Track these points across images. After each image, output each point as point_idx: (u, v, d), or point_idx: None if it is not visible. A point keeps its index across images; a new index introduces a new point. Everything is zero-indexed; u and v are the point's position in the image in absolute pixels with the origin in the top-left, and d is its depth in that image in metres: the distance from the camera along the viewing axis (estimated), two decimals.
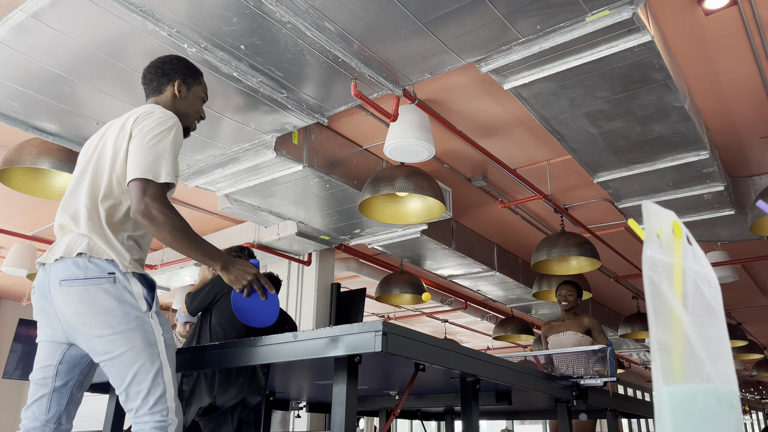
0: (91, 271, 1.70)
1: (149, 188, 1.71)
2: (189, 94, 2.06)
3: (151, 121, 1.80)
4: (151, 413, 1.66)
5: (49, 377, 1.79)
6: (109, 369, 1.70)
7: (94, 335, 1.68)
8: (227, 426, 2.76)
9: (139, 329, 1.70)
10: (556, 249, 4.47)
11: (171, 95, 2.02)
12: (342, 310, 5.61)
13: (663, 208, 0.70)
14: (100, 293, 1.69)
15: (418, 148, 3.48)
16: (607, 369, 3.25)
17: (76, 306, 1.69)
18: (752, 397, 20.65)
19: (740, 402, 0.72)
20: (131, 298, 1.72)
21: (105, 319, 1.67)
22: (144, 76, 2.06)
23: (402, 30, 2.62)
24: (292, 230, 4.99)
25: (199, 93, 2.09)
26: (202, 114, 2.12)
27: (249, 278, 1.88)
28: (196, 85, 2.08)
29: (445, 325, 9.51)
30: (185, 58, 2.12)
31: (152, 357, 1.70)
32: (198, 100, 2.09)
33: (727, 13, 3.05)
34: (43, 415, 1.77)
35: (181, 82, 2.03)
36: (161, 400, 1.68)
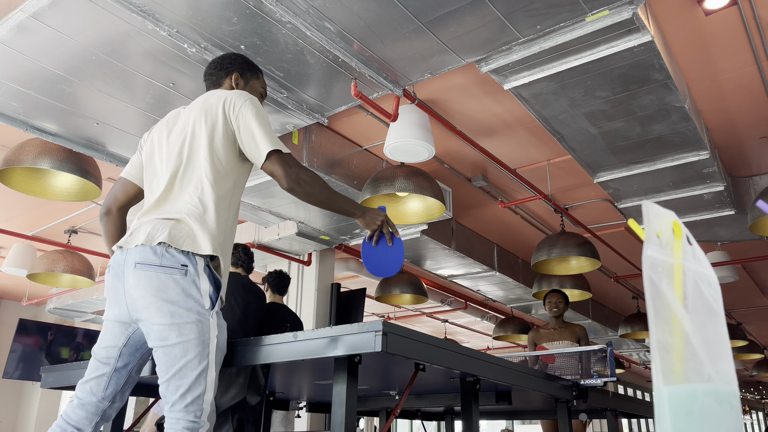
0: (167, 260, 1.74)
1: (288, 159, 1.84)
2: (246, 87, 2.12)
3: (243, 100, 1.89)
4: (186, 411, 1.68)
5: (112, 357, 1.83)
6: (159, 356, 1.73)
7: (155, 321, 1.71)
8: (227, 426, 2.76)
9: (197, 324, 1.72)
10: (556, 249, 4.47)
11: (228, 87, 2.08)
12: (342, 310, 5.61)
13: (663, 208, 0.70)
14: (170, 282, 1.72)
15: (418, 148, 3.48)
16: (608, 369, 3.25)
17: (145, 290, 1.72)
18: (752, 397, 20.65)
19: (740, 402, 0.72)
20: (197, 293, 1.74)
21: (168, 308, 1.71)
22: (205, 73, 2.14)
23: (402, 30, 2.62)
24: (292, 230, 4.99)
25: (257, 87, 2.16)
26: None
27: (379, 222, 2.03)
28: (254, 79, 2.15)
29: (445, 325, 9.52)
30: (243, 55, 2.20)
31: (201, 355, 1.72)
32: (256, 94, 2.15)
33: (727, 13, 3.05)
34: (100, 392, 1.82)
35: (239, 76, 2.10)
36: (198, 400, 1.70)
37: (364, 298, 5.97)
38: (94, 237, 5.97)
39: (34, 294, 8.09)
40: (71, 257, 5.33)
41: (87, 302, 7.31)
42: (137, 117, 3.25)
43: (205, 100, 1.93)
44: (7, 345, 8.22)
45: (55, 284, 5.63)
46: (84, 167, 3.58)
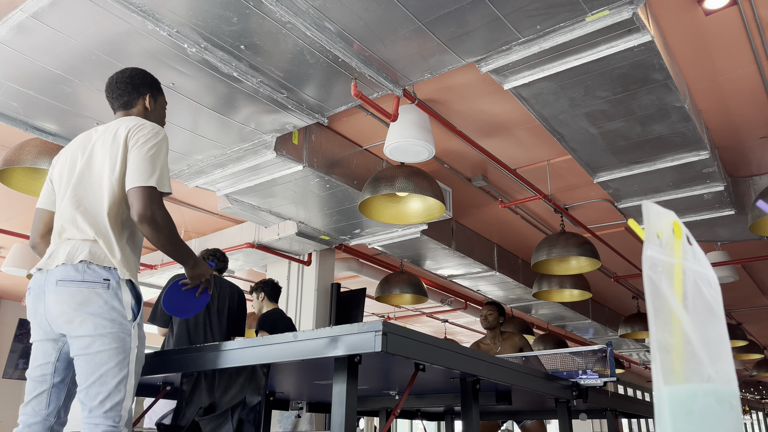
0: (89, 275, 1.80)
1: (155, 196, 1.85)
2: (156, 105, 2.17)
3: (146, 133, 1.92)
4: (105, 416, 1.73)
5: (47, 374, 1.87)
6: (80, 364, 1.78)
7: (79, 334, 1.77)
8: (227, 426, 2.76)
9: (118, 335, 1.79)
10: (556, 249, 4.47)
11: (143, 108, 2.12)
12: (342, 310, 5.61)
13: (663, 208, 0.70)
14: (93, 296, 1.79)
15: (418, 148, 3.48)
16: (608, 369, 3.25)
17: (67, 305, 1.78)
18: (752, 397, 20.65)
19: (740, 402, 0.72)
20: (119, 305, 1.82)
21: (92, 320, 1.77)
22: (112, 90, 2.11)
23: (402, 30, 2.62)
24: (292, 230, 4.99)
25: (163, 103, 2.22)
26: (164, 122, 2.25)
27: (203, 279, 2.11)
28: (159, 96, 2.20)
29: (445, 325, 9.52)
30: (145, 70, 2.20)
31: (122, 364, 1.78)
32: (162, 110, 2.22)
33: (727, 13, 3.05)
34: (43, 410, 1.86)
35: (151, 96, 2.14)
36: (117, 407, 1.75)
37: (364, 298, 5.97)
38: None
39: None
40: None
41: None
42: None
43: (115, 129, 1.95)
44: (7, 345, 8.22)
45: None
46: None
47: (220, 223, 5.81)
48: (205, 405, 2.73)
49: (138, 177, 1.84)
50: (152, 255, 6.38)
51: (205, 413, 2.74)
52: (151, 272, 6.22)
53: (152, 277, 6.30)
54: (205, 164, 3.83)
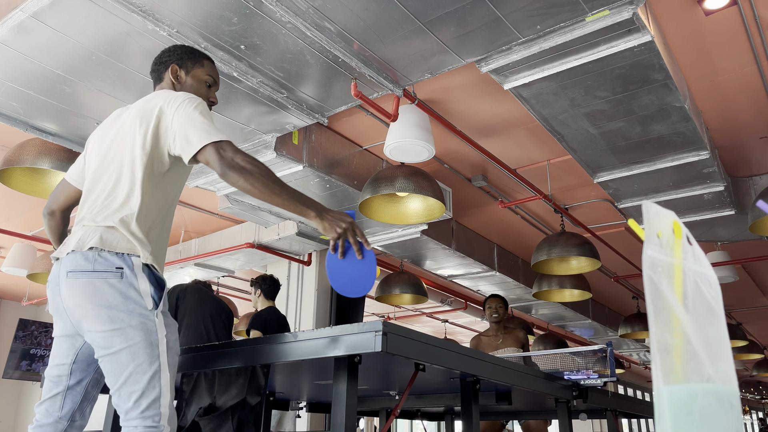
0: (100, 264, 1.65)
1: (225, 146, 1.67)
2: (188, 78, 1.97)
3: (182, 99, 1.76)
4: (143, 417, 1.59)
5: (63, 375, 1.76)
6: (106, 365, 1.65)
7: (96, 330, 1.64)
8: (227, 426, 2.76)
9: (141, 327, 1.63)
10: (556, 249, 4.47)
11: (170, 83, 1.96)
12: (342, 310, 5.62)
13: (663, 208, 0.70)
14: (105, 287, 1.64)
15: (418, 148, 3.48)
16: (608, 369, 3.25)
17: (80, 299, 1.64)
18: (752, 397, 20.65)
19: (740, 402, 0.72)
20: (137, 294, 1.66)
21: (107, 313, 1.62)
22: (151, 71, 2.04)
23: (402, 30, 2.62)
24: (292, 230, 4.99)
25: (201, 76, 1.99)
26: (212, 98, 2.02)
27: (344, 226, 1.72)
28: (197, 67, 1.99)
29: (445, 325, 9.52)
30: (188, 45, 2.06)
31: (151, 358, 1.63)
32: (201, 85, 1.99)
33: (727, 13, 3.05)
34: (56, 412, 1.74)
35: (177, 68, 1.97)
36: (154, 405, 1.61)
37: (364, 298, 5.98)
38: None
39: (34, 294, 8.09)
40: None
41: None
42: None
43: (144, 103, 1.82)
44: (7, 345, 8.22)
45: None
46: None
47: (220, 223, 5.81)
48: (205, 405, 2.73)
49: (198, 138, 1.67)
50: None
51: (205, 413, 2.74)
52: None
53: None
54: None
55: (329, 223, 1.71)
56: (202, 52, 2.05)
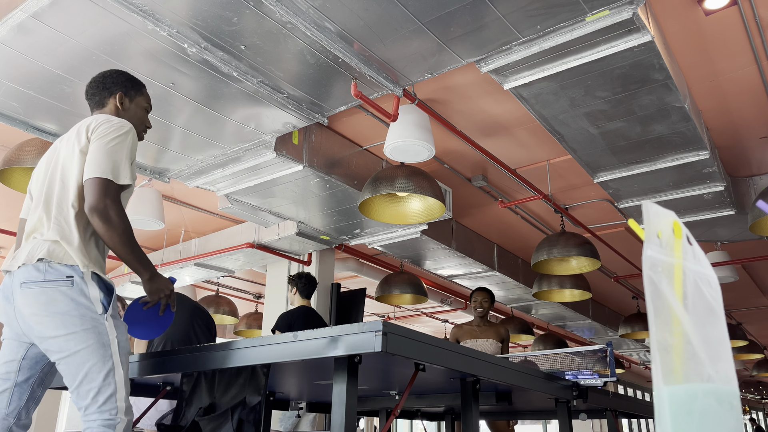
0: (50, 274, 1.78)
1: (110, 189, 1.81)
2: (131, 105, 2.13)
3: (109, 126, 1.90)
4: (100, 411, 1.73)
5: (12, 372, 1.87)
6: (63, 368, 1.77)
7: (50, 335, 1.76)
8: (227, 426, 2.76)
9: (93, 330, 1.77)
10: (556, 249, 4.47)
11: (114, 107, 2.09)
12: (342, 310, 5.61)
13: (663, 208, 0.70)
14: (57, 295, 1.77)
15: (418, 148, 3.48)
16: (608, 369, 3.25)
17: (34, 307, 1.76)
18: (752, 397, 20.65)
19: (740, 402, 0.72)
20: (87, 301, 1.79)
21: (60, 319, 1.75)
22: (87, 91, 2.13)
23: (402, 30, 2.62)
24: (292, 230, 4.99)
25: (142, 104, 2.16)
26: (148, 124, 2.19)
27: (166, 293, 1.98)
28: (138, 96, 2.15)
29: (445, 325, 9.51)
30: (125, 71, 2.18)
31: (104, 357, 1.77)
32: (141, 111, 2.16)
33: (727, 13, 3.05)
34: (3, 409, 1.85)
35: (123, 95, 2.10)
36: (111, 399, 1.74)
37: (364, 298, 5.97)
38: None
39: None
40: None
41: None
42: None
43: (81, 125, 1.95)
44: None
45: None
46: None
47: (220, 223, 5.81)
48: (205, 405, 2.73)
49: (94, 168, 1.81)
50: (153, 255, 6.38)
51: (205, 413, 2.74)
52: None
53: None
54: (205, 164, 3.84)
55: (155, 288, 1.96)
56: (140, 81, 2.20)
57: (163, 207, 4.55)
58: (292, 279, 4.41)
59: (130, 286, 6.39)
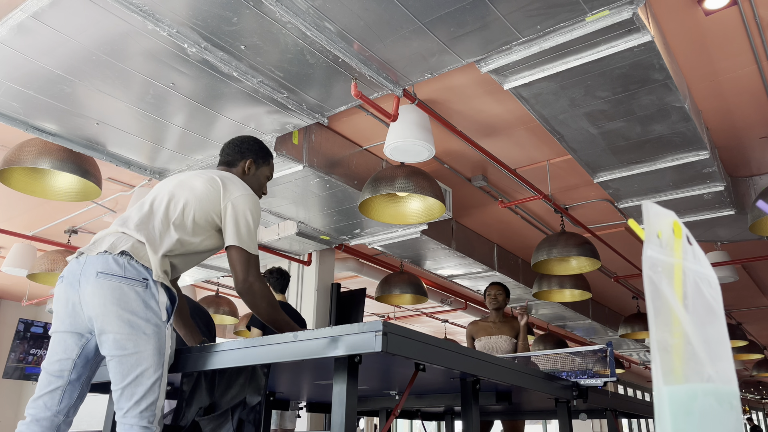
0: (129, 271, 1.81)
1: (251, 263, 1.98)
2: (257, 172, 2.30)
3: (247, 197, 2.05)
4: (140, 416, 1.74)
5: (66, 370, 1.85)
6: (114, 365, 1.76)
7: (113, 330, 1.76)
8: (227, 426, 2.76)
9: (154, 335, 1.80)
10: (556, 249, 4.47)
11: (241, 171, 2.26)
12: (342, 310, 5.61)
13: (663, 208, 0.70)
14: (132, 294, 1.79)
15: (418, 148, 3.48)
16: (608, 369, 3.25)
17: (106, 298, 1.76)
18: (752, 397, 20.66)
19: (740, 402, 0.72)
20: (156, 305, 1.82)
21: (128, 317, 1.76)
22: (223, 148, 2.31)
23: (402, 30, 2.62)
24: (292, 230, 4.99)
25: (265, 173, 2.34)
26: (265, 191, 2.35)
27: None
28: (264, 165, 2.32)
29: (445, 325, 9.52)
30: (261, 140, 2.36)
31: (157, 364, 1.79)
32: (263, 179, 2.33)
33: (727, 13, 3.05)
34: (54, 407, 1.82)
35: (252, 162, 2.27)
36: (152, 407, 1.76)
37: (364, 298, 5.97)
38: None
39: (34, 294, 8.09)
40: None
41: None
42: (137, 117, 3.25)
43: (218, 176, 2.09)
44: (7, 345, 8.22)
45: (55, 284, 5.62)
46: (84, 167, 3.58)
47: None
48: (205, 405, 2.73)
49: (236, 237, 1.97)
50: None
51: (205, 413, 2.74)
52: None
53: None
54: (205, 164, 3.83)
55: None
56: (269, 151, 2.37)
57: None
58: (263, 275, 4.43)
59: None
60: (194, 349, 2.20)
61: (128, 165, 3.79)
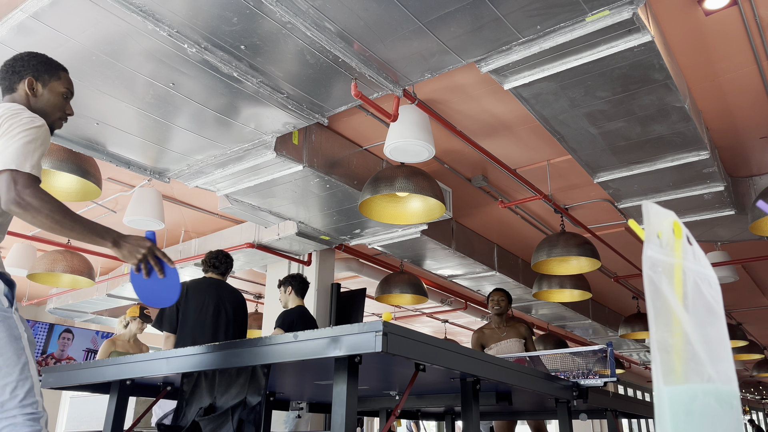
0: None
1: (19, 178, 1.68)
2: (45, 91, 1.96)
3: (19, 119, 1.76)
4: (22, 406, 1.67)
5: None
6: None
7: None
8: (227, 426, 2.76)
9: (3, 324, 1.71)
10: (556, 249, 4.47)
11: (24, 93, 1.94)
12: (342, 310, 5.61)
13: (663, 209, 0.70)
14: None
15: (418, 148, 3.48)
16: (608, 369, 3.25)
17: None
18: (752, 397, 20.66)
19: (740, 402, 0.72)
20: None
21: None
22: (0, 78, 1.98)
23: (402, 30, 2.62)
24: (292, 230, 4.99)
25: (58, 88, 1.98)
26: (67, 110, 2.02)
27: (143, 251, 1.81)
28: (53, 80, 1.98)
29: (445, 325, 9.51)
30: (42, 54, 2.01)
31: (17, 351, 1.70)
32: (57, 97, 1.98)
33: (727, 13, 3.05)
34: None
35: (34, 80, 1.94)
36: (30, 393, 1.69)
37: (364, 298, 5.97)
38: None
39: (34, 294, 8.09)
40: (71, 257, 5.33)
41: (87, 302, 7.31)
42: (137, 117, 3.25)
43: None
44: None
45: (55, 284, 5.63)
46: (84, 167, 3.58)
47: (220, 223, 5.81)
48: (206, 405, 2.73)
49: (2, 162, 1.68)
50: None
51: (205, 413, 2.74)
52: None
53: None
54: (205, 164, 3.84)
55: (128, 251, 1.80)
56: (57, 63, 2.02)
57: (163, 207, 4.56)
58: (287, 279, 4.51)
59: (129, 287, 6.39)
60: (194, 349, 2.20)
61: (128, 165, 3.79)
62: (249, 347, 1.95)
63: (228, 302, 3.98)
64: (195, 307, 3.86)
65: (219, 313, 3.90)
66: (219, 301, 3.93)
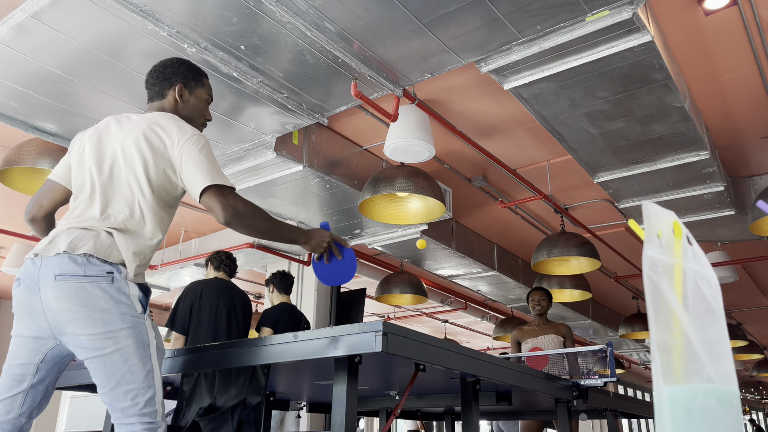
0: (90, 269, 1.66)
1: (226, 191, 1.78)
2: (191, 97, 2.02)
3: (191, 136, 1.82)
4: (141, 414, 1.64)
5: (28, 374, 1.74)
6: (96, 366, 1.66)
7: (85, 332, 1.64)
8: (227, 426, 2.76)
9: (133, 329, 1.68)
10: (556, 249, 4.47)
11: (173, 100, 1.99)
12: (342, 311, 5.62)
13: (663, 209, 0.70)
14: (97, 291, 1.65)
15: (418, 148, 3.48)
16: (608, 369, 3.25)
17: (70, 303, 1.64)
18: (752, 397, 20.66)
19: (740, 402, 0.72)
20: (127, 299, 1.69)
21: (99, 317, 1.64)
22: (147, 80, 2.03)
23: (402, 30, 2.62)
24: None
25: (202, 95, 2.05)
26: (208, 116, 2.09)
27: (327, 241, 2.01)
28: (198, 87, 2.03)
29: (445, 325, 9.52)
30: (187, 60, 2.07)
31: (144, 358, 1.68)
32: (201, 103, 2.04)
33: (727, 13, 3.05)
34: (16, 410, 1.74)
35: (183, 87, 1.99)
36: (151, 402, 1.66)
37: (364, 298, 5.97)
38: None
39: None
40: None
41: None
42: None
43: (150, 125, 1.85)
44: (7, 345, 8.21)
45: None
46: None
47: None
48: (206, 405, 2.73)
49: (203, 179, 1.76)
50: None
51: (205, 413, 2.74)
52: (151, 272, 6.22)
53: (152, 278, 6.30)
54: None
55: (316, 243, 1.99)
56: (201, 69, 2.08)
57: None
58: (268, 279, 4.55)
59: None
60: (194, 349, 2.20)
61: None
62: (249, 347, 1.95)
63: (239, 306, 3.98)
64: (208, 311, 3.85)
65: (230, 318, 3.91)
66: (231, 305, 3.93)
